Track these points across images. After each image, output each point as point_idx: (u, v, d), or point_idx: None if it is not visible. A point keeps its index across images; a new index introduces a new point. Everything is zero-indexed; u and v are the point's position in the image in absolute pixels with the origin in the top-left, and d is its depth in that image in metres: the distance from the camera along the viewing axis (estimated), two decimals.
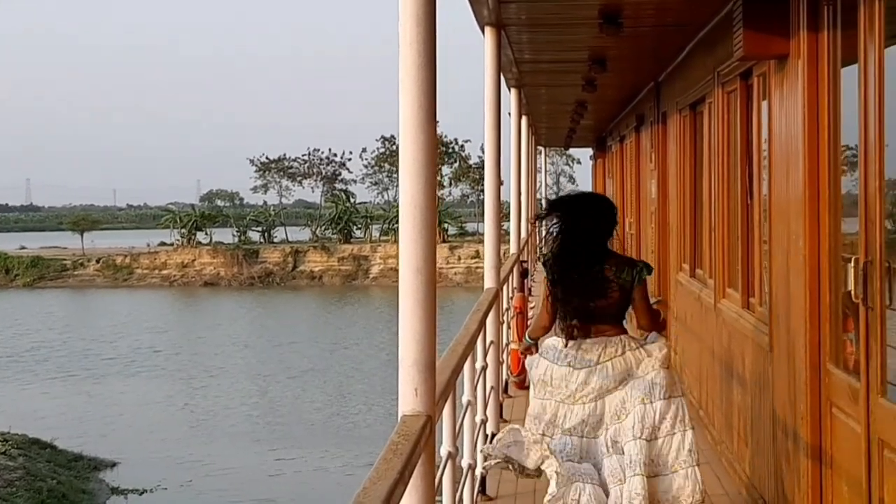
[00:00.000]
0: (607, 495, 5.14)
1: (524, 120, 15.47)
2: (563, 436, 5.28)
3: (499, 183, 8.57)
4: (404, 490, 2.90)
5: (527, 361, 5.66)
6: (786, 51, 5.61)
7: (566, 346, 5.36)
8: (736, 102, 7.39)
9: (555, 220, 5.49)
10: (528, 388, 5.97)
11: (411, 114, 3.37)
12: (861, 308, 4.41)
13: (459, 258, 66.29)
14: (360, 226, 75.19)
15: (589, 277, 5.32)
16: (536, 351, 5.61)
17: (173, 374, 37.95)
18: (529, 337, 5.82)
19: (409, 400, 3.36)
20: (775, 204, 5.94)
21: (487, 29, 8.07)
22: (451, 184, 79.61)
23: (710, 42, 8.07)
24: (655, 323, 5.51)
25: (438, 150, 76.21)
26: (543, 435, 5.30)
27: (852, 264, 4.47)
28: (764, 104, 6.42)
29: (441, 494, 4.64)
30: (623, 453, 5.19)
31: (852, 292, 4.46)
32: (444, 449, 4.58)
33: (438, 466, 4.45)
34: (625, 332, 5.44)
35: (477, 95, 8.42)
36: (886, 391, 4.23)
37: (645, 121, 13.52)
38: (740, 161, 7.30)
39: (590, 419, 5.28)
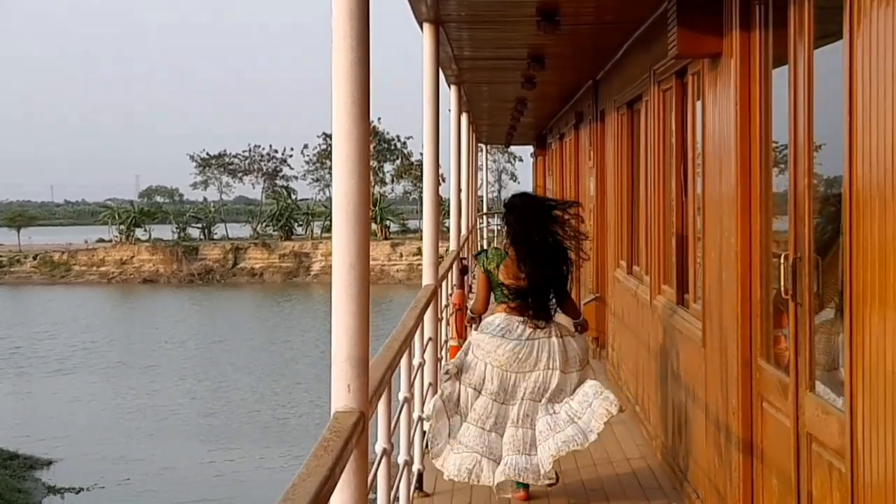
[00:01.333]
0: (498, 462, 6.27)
1: (464, 117, 15.49)
2: (484, 397, 6.33)
3: (437, 180, 8.56)
4: (334, 486, 2.89)
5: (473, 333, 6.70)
6: (719, 49, 5.68)
7: (513, 324, 6.41)
8: (671, 100, 7.46)
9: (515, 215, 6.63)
10: None
11: (345, 109, 3.37)
12: (790, 304, 4.48)
13: (401, 255, 66.22)
14: (301, 222, 74.81)
15: (553, 272, 6.51)
16: (477, 323, 6.75)
17: (110, 373, 37.50)
18: (472, 312, 6.95)
19: (341, 396, 3.35)
20: (709, 201, 6.01)
21: (426, 25, 8.06)
22: (393, 181, 79.50)
23: (646, 41, 8.14)
24: (574, 308, 6.80)
25: (380, 147, 76.30)
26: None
27: (782, 260, 4.53)
28: (698, 102, 6.49)
29: (376, 491, 4.64)
30: (532, 428, 6.27)
31: (782, 288, 4.52)
32: (378, 445, 4.57)
33: (373, 463, 4.44)
34: (552, 316, 6.55)
35: (420, 92, 8.41)
36: (815, 386, 4.29)
37: (584, 118, 13.60)
38: (675, 158, 7.37)
39: (509, 388, 6.32)
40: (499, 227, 25.24)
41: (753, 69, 5.24)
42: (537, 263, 6.45)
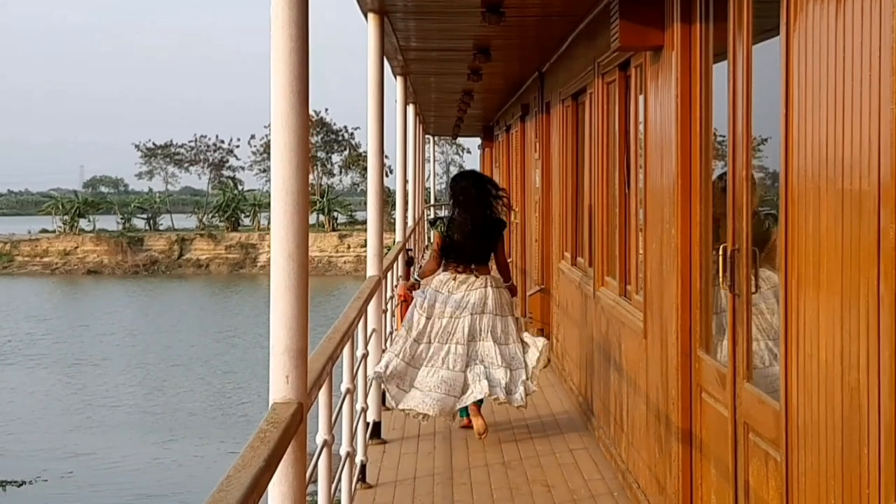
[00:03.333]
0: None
1: (411, 108, 15.46)
2: (441, 343, 7.55)
3: (382, 171, 8.55)
4: (270, 478, 2.88)
5: (415, 294, 7.93)
6: (660, 42, 5.71)
7: (454, 279, 7.78)
8: (615, 93, 7.50)
9: (460, 190, 7.98)
10: None
11: (283, 98, 3.35)
12: (728, 295, 4.52)
13: (349, 247, 66.06)
14: (247, 213, 74.26)
15: (483, 232, 7.86)
16: (419, 288, 8.00)
17: (51, 365, 37.02)
18: (418, 276, 8.33)
19: (280, 388, 3.33)
20: (650, 193, 6.05)
21: (370, 15, 8.02)
22: (341, 172, 79.17)
23: (590, 33, 8.17)
24: (507, 269, 8.18)
25: (327, 138, 75.94)
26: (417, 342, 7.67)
27: (720, 252, 4.57)
28: (641, 95, 6.53)
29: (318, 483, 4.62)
30: (479, 364, 7.52)
31: (720, 280, 4.57)
32: (319, 437, 4.56)
33: (313, 455, 4.43)
34: (489, 272, 7.92)
35: (367, 82, 8.37)
36: (752, 376, 4.34)
37: (530, 111, 13.64)
38: (618, 150, 7.41)
39: (462, 330, 7.56)
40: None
41: (694, 62, 5.28)
42: (473, 229, 7.85)
